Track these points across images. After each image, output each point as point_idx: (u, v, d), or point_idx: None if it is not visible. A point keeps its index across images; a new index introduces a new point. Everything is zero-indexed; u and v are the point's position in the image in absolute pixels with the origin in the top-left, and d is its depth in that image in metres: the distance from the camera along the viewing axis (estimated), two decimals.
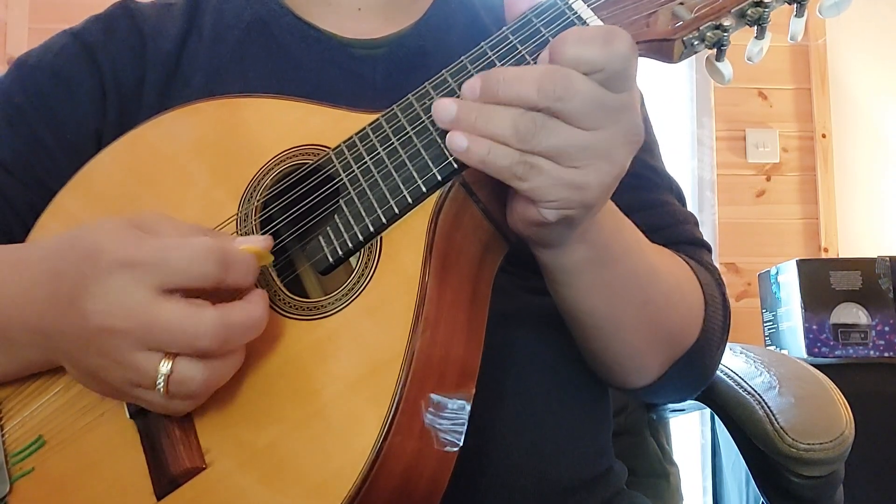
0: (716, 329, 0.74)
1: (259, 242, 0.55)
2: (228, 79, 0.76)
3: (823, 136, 2.73)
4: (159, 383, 0.51)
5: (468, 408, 0.57)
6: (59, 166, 0.73)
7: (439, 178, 0.57)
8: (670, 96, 2.78)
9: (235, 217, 0.62)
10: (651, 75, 2.54)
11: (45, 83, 0.76)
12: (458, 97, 0.58)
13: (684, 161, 2.73)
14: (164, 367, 0.51)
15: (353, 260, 0.59)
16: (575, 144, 0.52)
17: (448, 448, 0.55)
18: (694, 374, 0.75)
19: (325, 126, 0.63)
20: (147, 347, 0.51)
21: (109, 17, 0.80)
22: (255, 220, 0.61)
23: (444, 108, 0.56)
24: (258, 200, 0.62)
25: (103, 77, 0.76)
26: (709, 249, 0.82)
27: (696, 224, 0.84)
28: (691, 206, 2.67)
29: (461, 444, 0.56)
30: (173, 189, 0.64)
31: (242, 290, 0.53)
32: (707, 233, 2.63)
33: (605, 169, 0.54)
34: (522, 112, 0.52)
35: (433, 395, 0.54)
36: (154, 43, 0.78)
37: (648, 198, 0.80)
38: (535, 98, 0.52)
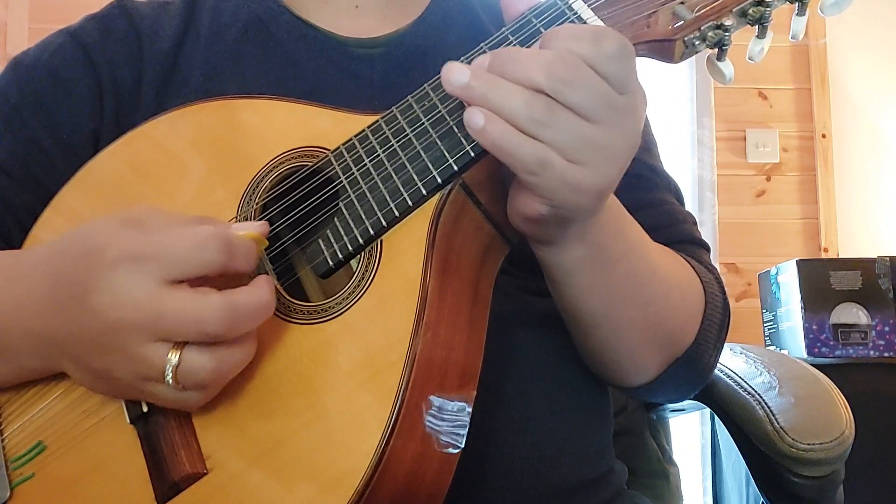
0: (713, 328, 0.74)
1: (256, 228, 0.55)
2: (226, 77, 0.75)
3: (823, 136, 2.73)
4: (168, 374, 0.51)
5: (469, 409, 0.57)
6: (57, 166, 0.72)
7: (439, 180, 0.57)
8: (670, 96, 2.79)
9: (235, 219, 0.61)
10: (651, 75, 2.53)
11: (41, 83, 0.76)
12: (457, 99, 0.58)
13: (684, 161, 2.73)
14: (173, 357, 0.50)
15: (353, 263, 0.59)
16: (583, 136, 0.52)
17: (450, 450, 0.55)
18: (692, 374, 0.75)
19: (326, 128, 0.63)
20: (156, 338, 0.50)
21: (106, 17, 0.80)
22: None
23: (457, 72, 0.54)
24: (258, 203, 0.62)
25: (100, 76, 0.76)
26: (707, 249, 0.82)
27: (695, 223, 0.84)
28: (691, 206, 2.66)
29: (462, 445, 0.56)
30: (175, 188, 0.64)
31: (245, 275, 0.53)
32: (707, 233, 2.63)
33: (604, 171, 0.54)
34: (535, 93, 0.52)
35: (435, 398, 0.54)
36: (151, 42, 0.77)
37: (647, 197, 0.80)
38: (542, 80, 0.51)
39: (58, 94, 0.75)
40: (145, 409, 0.56)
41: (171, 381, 0.51)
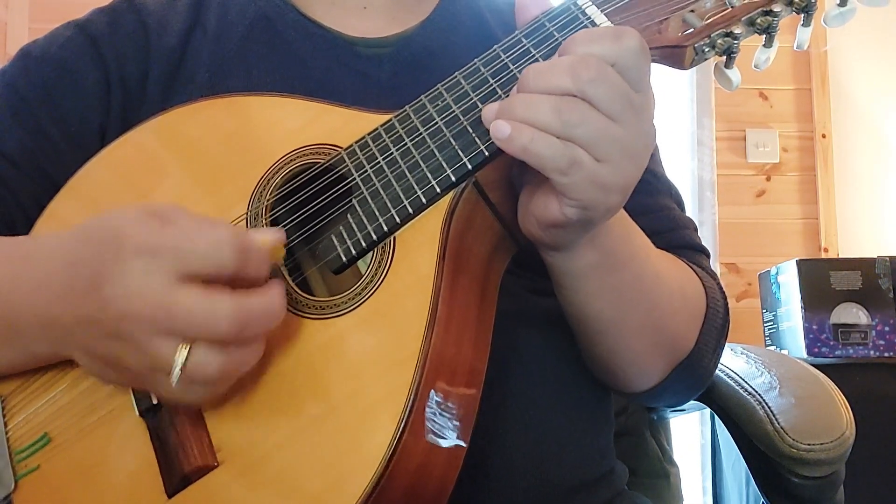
0: (712, 333, 0.75)
1: (273, 235, 0.55)
2: (232, 75, 0.75)
3: (823, 136, 2.73)
4: (176, 368, 0.51)
5: (476, 406, 0.57)
6: (64, 158, 0.72)
7: (453, 178, 0.57)
8: (671, 97, 2.78)
9: (245, 216, 0.61)
10: (652, 75, 2.52)
11: (49, 74, 0.75)
12: (471, 99, 0.58)
13: (684, 161, 2.73)
14: (182, 352, 0.50)
15: (361, 263, 0.59)
16: (609, 134, 0.53)
17: (456, 447, 0.56)
18: (692, 379, 0.75)
19: (336, 126, 0.63)
20: (166, 333, 0.51)
21: (114, 11, 0.80)
22: (264, 220, 0.61)
23: (488, 112, 0.57)
24: (268, 200, 0.62)
25: (108, 70, 0.76)
26: (707, 255, 0.83)
27: (696, 229, 0.84)
28: (691, 207, 2.66)
29: (468, 442, 0.56)
30: (180, 187, 0.64)
31: (257, 282, 0.53)
32: (707, 233, 2.63)
33: (629, 170, 0.55)
34: (562, 97, 0.53)
35: (444, 395, 0.54)
36: (158, 38, 0.77)
37: (649, 202, 0.80)
38: (568, 82, 0.52)
39: (66, 87, 0.75)
40: (155, 401, 0.56)
41: (178, 375, 0.51)
